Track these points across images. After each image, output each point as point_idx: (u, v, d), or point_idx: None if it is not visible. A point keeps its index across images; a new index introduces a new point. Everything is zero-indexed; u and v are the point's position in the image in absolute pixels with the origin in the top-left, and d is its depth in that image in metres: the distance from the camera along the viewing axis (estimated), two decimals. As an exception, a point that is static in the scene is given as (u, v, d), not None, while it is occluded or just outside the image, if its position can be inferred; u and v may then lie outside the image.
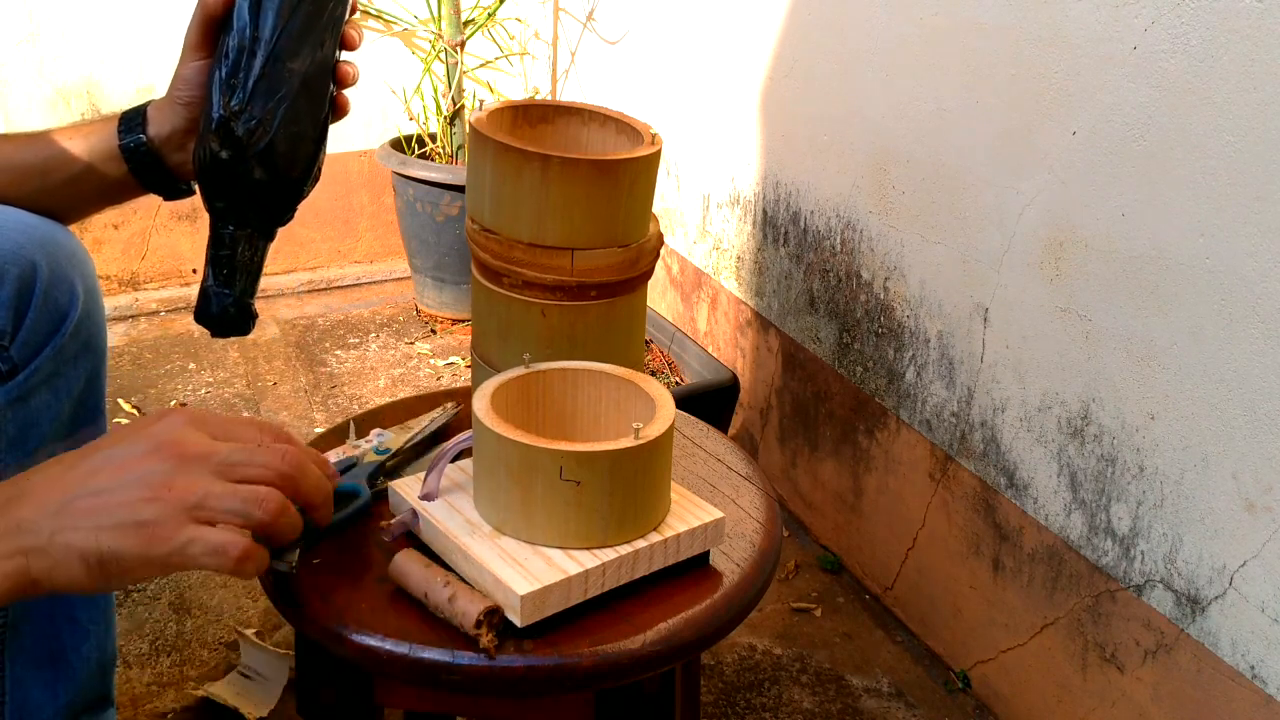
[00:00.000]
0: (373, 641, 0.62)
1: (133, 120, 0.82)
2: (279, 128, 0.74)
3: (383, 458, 0.78)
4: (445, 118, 2.18)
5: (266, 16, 0.74)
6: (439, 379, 2.02)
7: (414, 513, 0.68)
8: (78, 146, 0.81)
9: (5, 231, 0.78)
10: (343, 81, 0.79)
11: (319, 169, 0.79)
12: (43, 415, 0.82)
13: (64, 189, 0.82)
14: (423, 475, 0.71)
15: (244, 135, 0.73)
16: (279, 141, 0.74)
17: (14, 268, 0.78)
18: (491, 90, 2.35)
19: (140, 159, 0.81)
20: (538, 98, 2.34)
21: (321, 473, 0.60)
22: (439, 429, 0.85)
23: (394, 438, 0.81)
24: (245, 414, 1.87)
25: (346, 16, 0.78)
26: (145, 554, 0.53)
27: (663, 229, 1.30)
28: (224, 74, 0.74)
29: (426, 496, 0.69)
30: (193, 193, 0.85)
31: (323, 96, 0.77)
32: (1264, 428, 0.90)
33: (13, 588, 0.53)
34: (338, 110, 0.80)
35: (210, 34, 0.76)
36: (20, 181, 0.81)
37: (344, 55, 0.79)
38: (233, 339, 2.13)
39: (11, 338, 0.79)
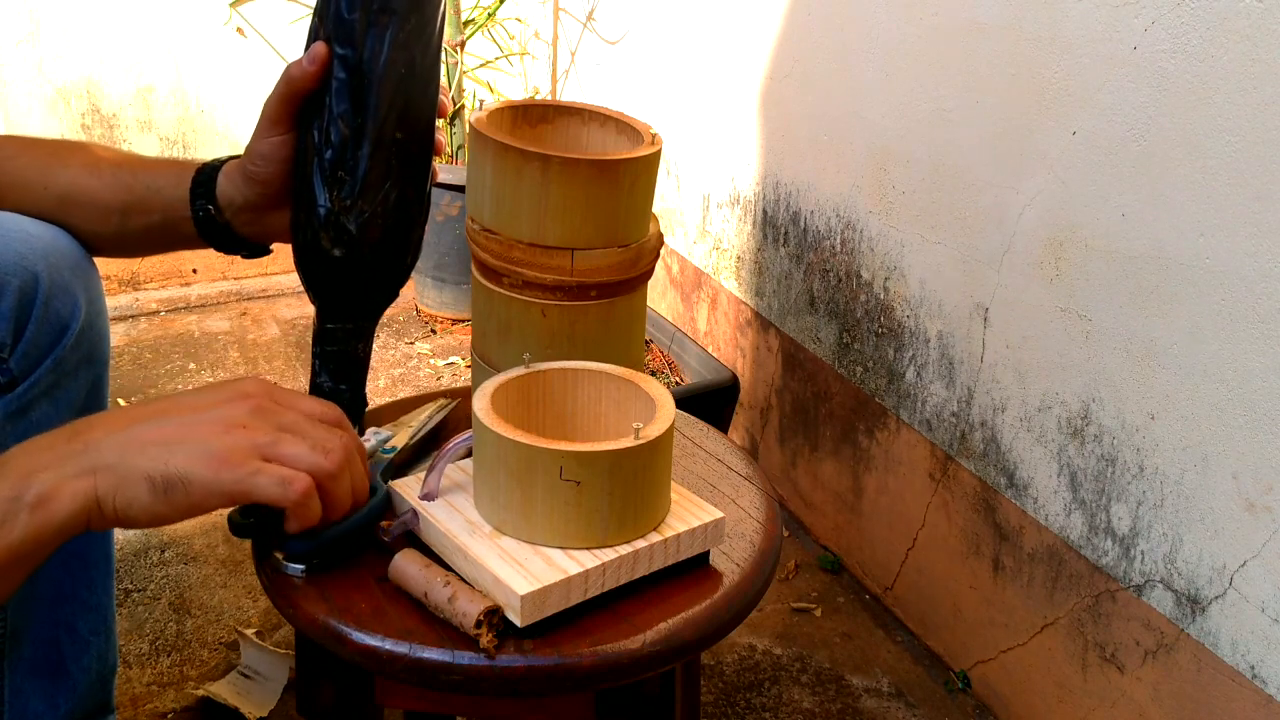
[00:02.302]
0: (373, 641, 0.62)
1: (204, 183, 0.79)
2: (390, 215, 0.69)
3: (390, 456, 0.78)
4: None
5: (372, 98, 0.67)
6: (439, 379, 2.02)
7: (414, 513, 0.68)
8: (155, 198, 0.80)
9: (7, 241, 0.77)
10: (437, 151, 0.74)
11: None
12: (43, 428, 0.79)
13: (143, 234, 0.82)
14: (423, 475, 0.71)
15: (358, 231, 0.68)
16: (391, 230, 0.69)
17: (15, 279, 0.76)
18: (491, 90, 2.35)
19: (208, 227, 0.79)
20: (538, 98, 2.34)
21: (354, 484, 0.63)
22: (438, 425, 0.85)
23: (395, 435, 0.81)
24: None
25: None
26: (214, 479, 0.56)
27: (663, 229, 1.31)
28: (327, 163, 0.68)
29: (426, 496, 0.69)
30: (270, 252, 0.83)
31: (426, 172, 0.72)
32: (1264, 428, 0.90)
33: (79, 509, 0.55)
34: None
35: (292, 109, 0.72)
36: (103, 219, 0.81)
37: None
38: (233, 340, 2.13)
39: (11, 349, 0.77)
